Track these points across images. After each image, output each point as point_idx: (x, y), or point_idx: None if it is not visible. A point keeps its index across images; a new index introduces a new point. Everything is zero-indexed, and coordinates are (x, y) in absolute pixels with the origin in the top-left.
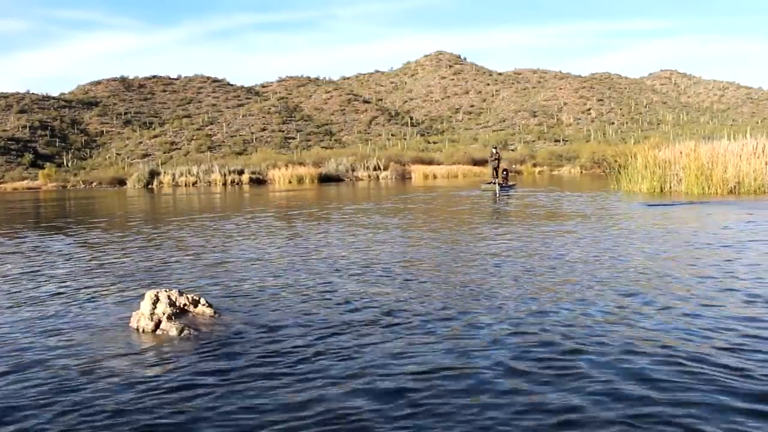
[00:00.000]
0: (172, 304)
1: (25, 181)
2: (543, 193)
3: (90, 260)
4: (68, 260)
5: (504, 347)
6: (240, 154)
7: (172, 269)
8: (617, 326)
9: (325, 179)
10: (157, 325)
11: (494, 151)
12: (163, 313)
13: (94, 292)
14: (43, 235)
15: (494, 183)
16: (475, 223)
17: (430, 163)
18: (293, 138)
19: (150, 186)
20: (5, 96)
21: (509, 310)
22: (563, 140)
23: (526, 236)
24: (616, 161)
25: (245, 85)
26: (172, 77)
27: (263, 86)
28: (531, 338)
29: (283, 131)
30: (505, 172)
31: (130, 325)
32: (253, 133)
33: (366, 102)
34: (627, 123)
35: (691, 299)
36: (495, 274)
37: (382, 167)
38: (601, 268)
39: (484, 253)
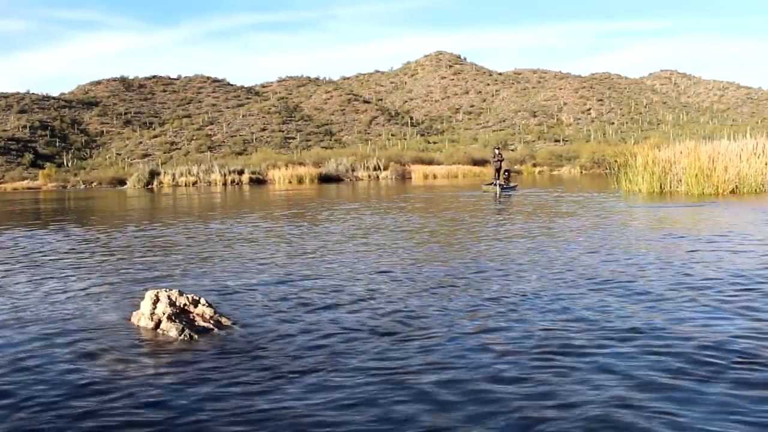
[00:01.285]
0: (172, 304)
1: (25, 181)
2: (544, 193)
3: (90, 260)
4: (68, 260)
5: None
6: (240, 154)
7: (172, 269)
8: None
9: (325, 179)
10: (157, 324)
11: (497, 151)
12: (163, 313)
13: (94, 291)
14: (42, 233)
15: (495, 184)
16: (476, 224)
17: (430, 163)
18: (293, 138)
19: (150, 186)
20: (5, 96)
21: (502, 313)
22: (563, 140)
23: (523, 238)
24: (615, 161)
25: (245, 85)
26: (172, 77)
27: (263, 86)
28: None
29: (283, 131)
30: (507, 173)
31: (131, 324)
32: (253, 133)
33: (366, 102)
34: (627, 123)
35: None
36: (493, 275)
37: (382, 167)
38: (592, 273)
39: (485, 254)
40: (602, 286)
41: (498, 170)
